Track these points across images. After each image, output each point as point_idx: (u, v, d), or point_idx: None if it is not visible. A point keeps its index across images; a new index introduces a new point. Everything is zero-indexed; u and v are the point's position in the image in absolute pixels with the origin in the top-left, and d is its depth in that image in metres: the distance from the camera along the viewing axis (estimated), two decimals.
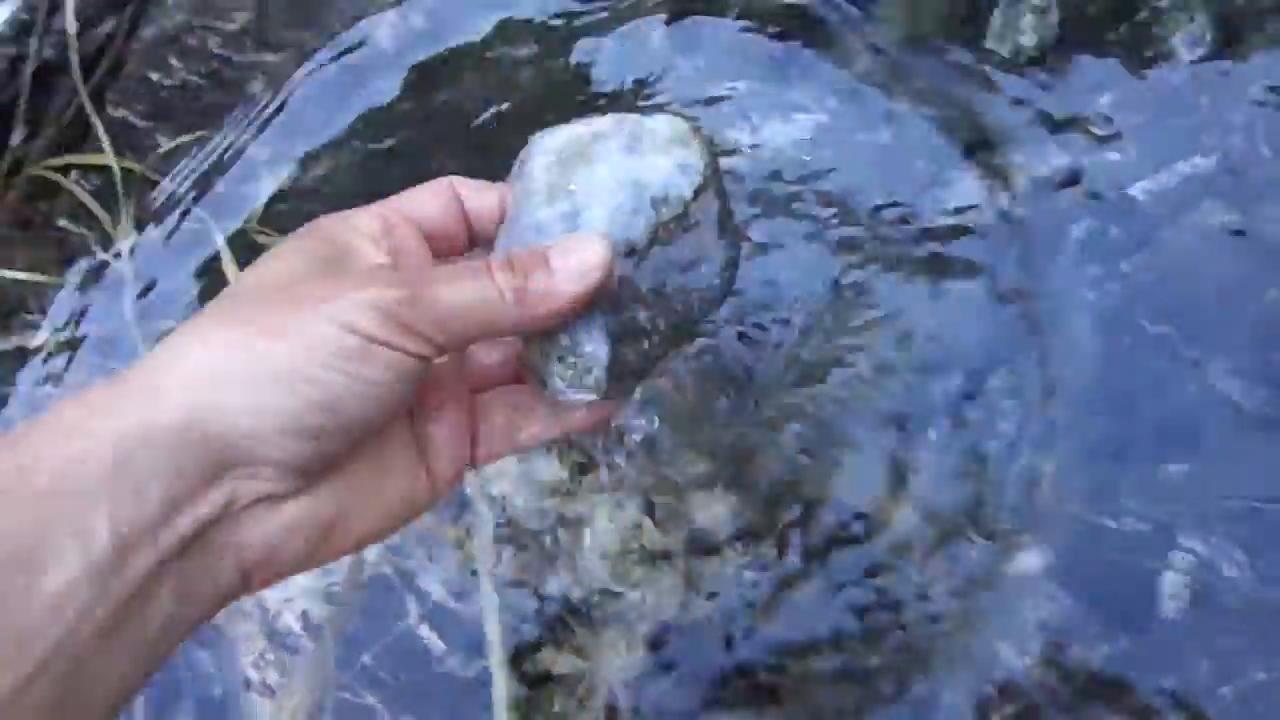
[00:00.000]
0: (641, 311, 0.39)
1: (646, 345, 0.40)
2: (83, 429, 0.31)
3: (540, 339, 0.39)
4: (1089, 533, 0.68)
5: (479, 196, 0.42)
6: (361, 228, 0.39)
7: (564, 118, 0.41)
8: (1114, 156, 0.78)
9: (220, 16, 0.96)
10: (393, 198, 0.41)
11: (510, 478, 0.77)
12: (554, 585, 0.72)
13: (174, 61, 0.95)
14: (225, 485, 0.32)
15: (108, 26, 0.96)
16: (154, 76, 0.95)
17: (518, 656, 0.70)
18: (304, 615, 0.73)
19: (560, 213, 0.38)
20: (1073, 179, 0.79)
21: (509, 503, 0.75)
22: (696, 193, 0.39)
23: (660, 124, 0.40)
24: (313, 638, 0.72)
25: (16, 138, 0.91)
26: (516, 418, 0.43)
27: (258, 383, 0.32)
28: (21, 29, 0.94)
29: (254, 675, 0.72)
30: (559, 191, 0.38)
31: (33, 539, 0.28)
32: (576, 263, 0.36)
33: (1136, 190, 0.78)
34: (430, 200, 0.41)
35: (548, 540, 0.73)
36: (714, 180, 0.40)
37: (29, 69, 0.93)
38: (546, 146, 0.40)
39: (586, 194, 0.38)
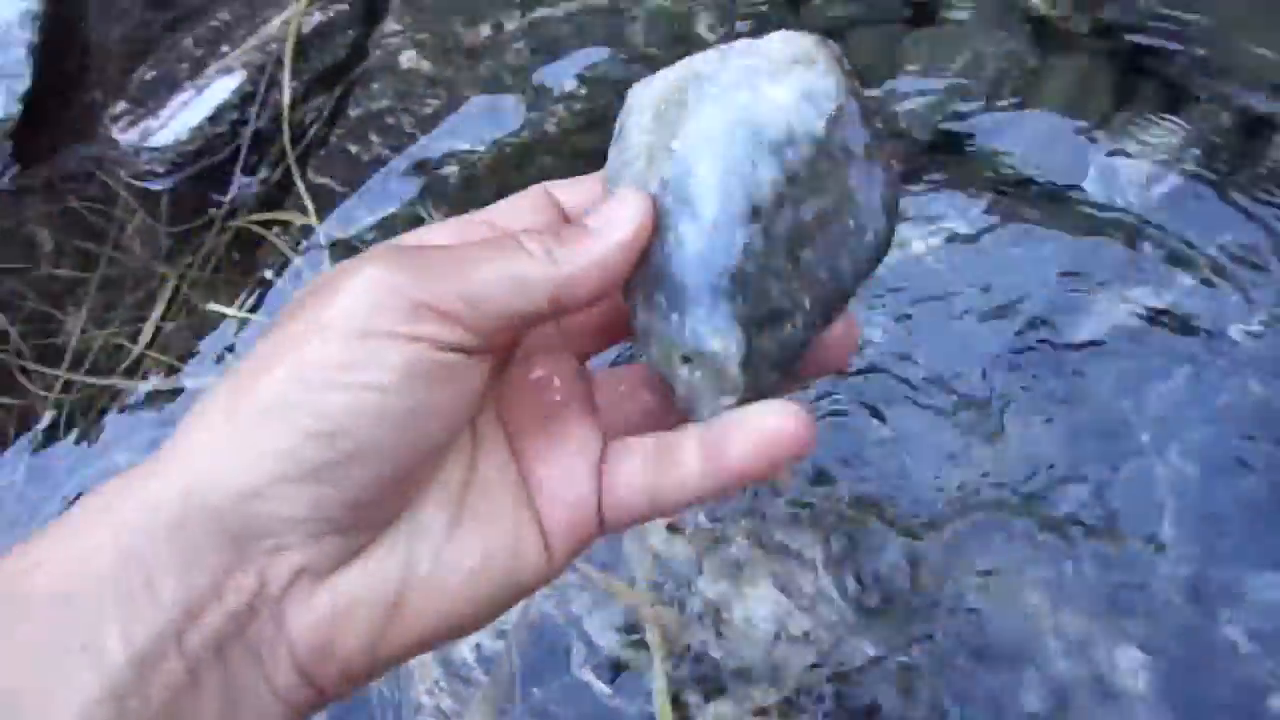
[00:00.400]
0: (777, 286, 0.31)
1: (789, 329, 0.32)
2: (87, 525, 0.26)
3: (659, 336, 0.32)
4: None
5: (576, 193, 0.35)
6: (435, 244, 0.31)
7: None
8: (1222, 297, 0.87)
9: (418, 102, 1.07)
10: (477, 211, 0.34)
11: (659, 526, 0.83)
12: (713, 647, 0.78)
13: (373, 138, 1.06)
14: (251, 567, 0.26)
15: (318, 102, 1.08)
16: (353, 149, 1.06)
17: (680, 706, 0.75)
18: (478, 647, 0.79)
19: (661, 180, 0.31)
20: (1182, 315, 0.87)
21: (663, 557, 0.82)
22: (830, 125, 0.31)
23: (775, 45, 0.32)
24: (486, 670, 0.78)
25: (232, 191, 1.02)
26: (662, 463, 0.32)
27: (244, 426, 0.26)
28: (244, 98, 1.06)
29: (428, 701, 0.78)
30: (659, 154, 0.31)
31: (38, 660, 0.24)
32: (611, 213, 0.30)
33: (1235, 332, 0.87)
34: (520, 208, 0.34)
35: (706, 601, 0.80)
36: (852, 104, 0.32)
37: (248, 133, 1.04)
38: (641, 101, 0.33)
39: (691, 151, 0.30)
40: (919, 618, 0.77)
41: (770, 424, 0.30)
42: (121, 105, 1.12)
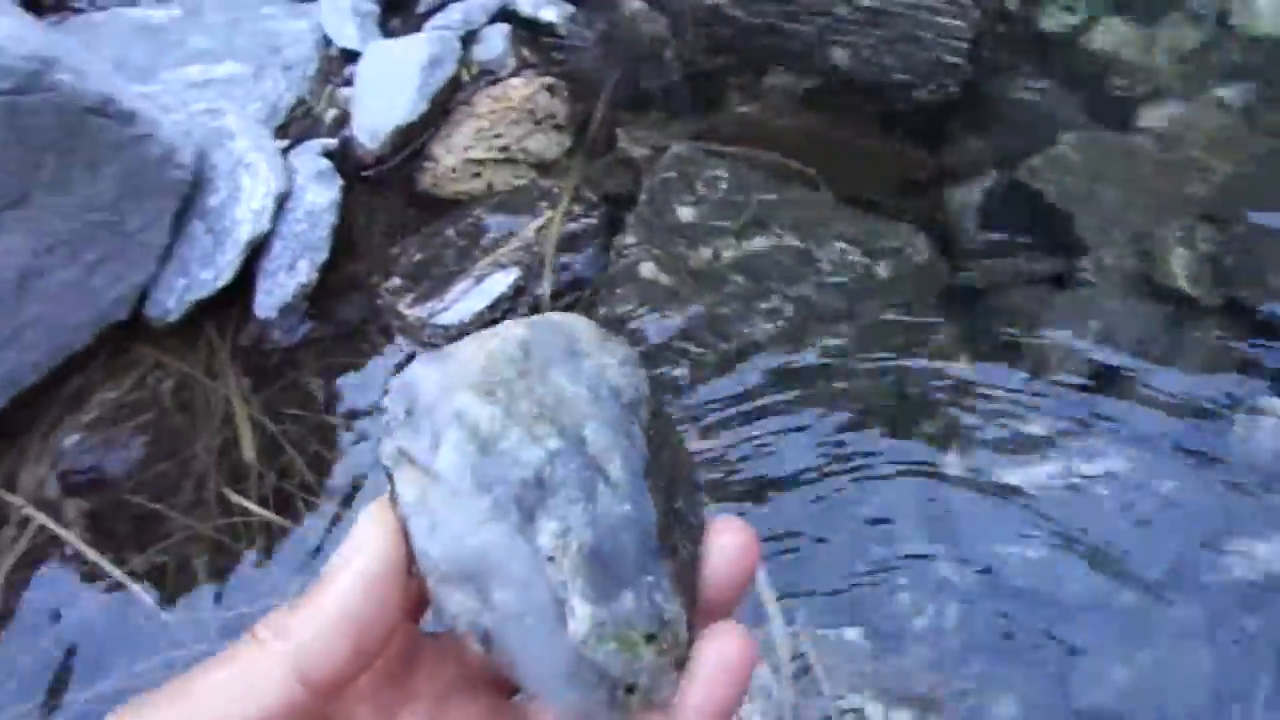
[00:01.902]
0: (678, 533, 0.29)
1: (691, 573, 0.29)
2: None
3: (593, 628, 0.27)
4: None
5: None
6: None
7: None
8: None
9: (657, 310, 1.30)
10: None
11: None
12: None
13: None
14: None
15: (571, 299, 1.30)
16: None
17: None
18: None
19: (547, 452, 0.28)
20: None
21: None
22: (649, 385, 0.32)
23: (579, 323, 0.32)
24: None
25: None
26: None
27: None
28: (516, 290, 1.28)
29: None
30: (523, 427, 0.28)
31: None
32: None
33: None
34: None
35: None
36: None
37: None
38: (451, 380, 0.29)
39: (570, 418, 0.28)
40: None
41: (731, 649, 0.27)
42: (396, 281, 1.34)
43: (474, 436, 0.27)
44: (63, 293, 1.24)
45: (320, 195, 1.36)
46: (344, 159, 1.48)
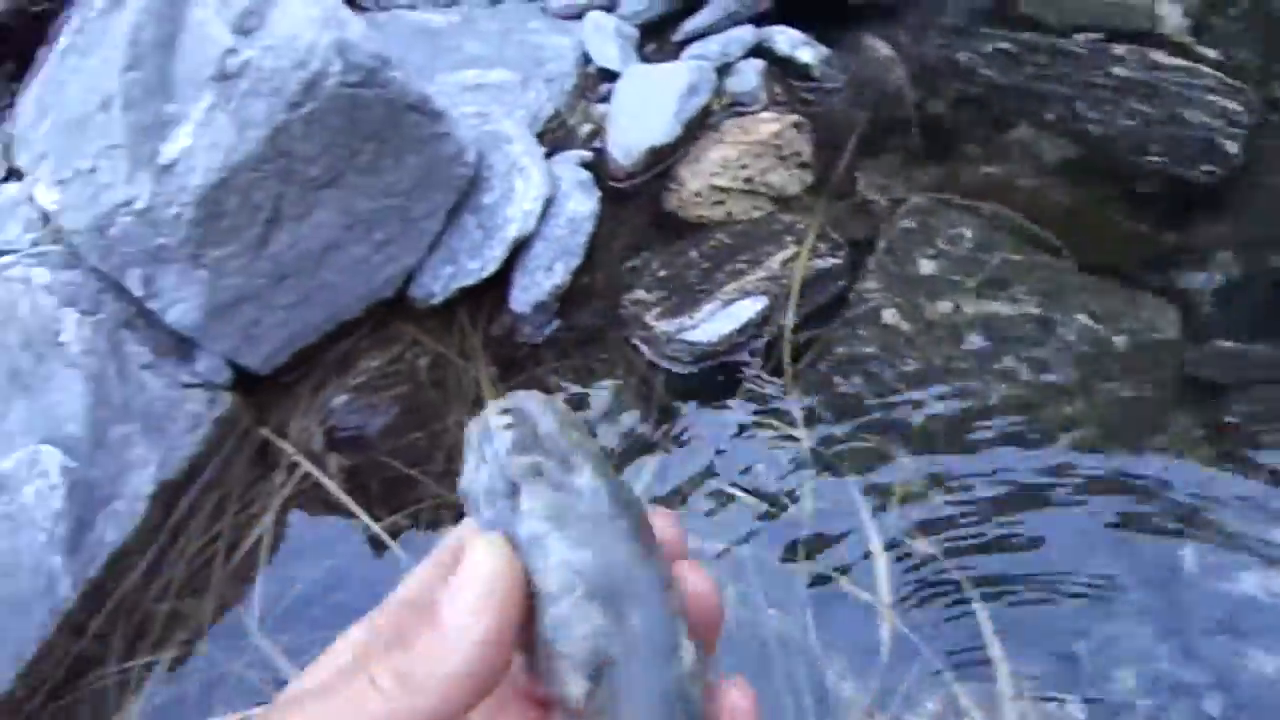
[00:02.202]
0: None
1: None
2: None
3: (694, 655, 0.28)
4: None
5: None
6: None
7: None
8: None
9: (897, 357, 1.32)
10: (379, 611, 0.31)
11: None
12: None
13: (856, 378, 1.31)
14: None
15: (812, 333, 1.34)
16: (838, 382, 1.30)
17: None
18: None
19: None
20: None
21: None
22: None
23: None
24: None
25: (736, 392, 1.27)
26: None
27: None
28: (763, 319, 1.33)
29: None
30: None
31: None
32: (470, 588, 0.26)
33: None
34: (409, 601, 0.30)
35: None
36: None
37: (760, 345, 1.30)
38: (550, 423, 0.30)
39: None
40: None
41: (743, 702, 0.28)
42: (640, 293, 1.41)
43: (601, 466, 0.29)
44: (351, 266, 1.36)
45: (582, 204, 1.45)
46: (596, 170, 1.57)
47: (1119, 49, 1.64)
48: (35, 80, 1.24)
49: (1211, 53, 1.66)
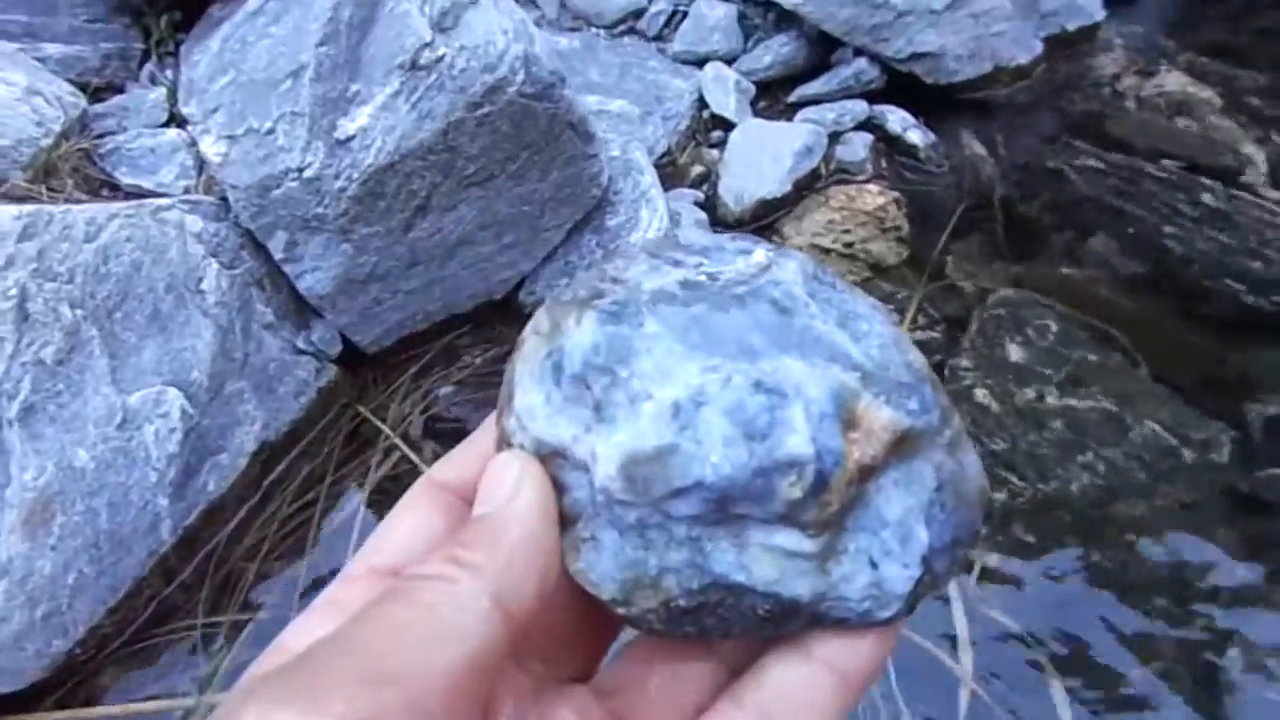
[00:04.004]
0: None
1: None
2: None
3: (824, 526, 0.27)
4: None
5: (463, 468, 0.30)
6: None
7: None
8: None
9: (986, 435, 1.38)
10: (364, 551, 0.29)
11: None
12: None
13: None
14: None
15: None
16: None
17: None
18: None
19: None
20: None
21: None
22: None
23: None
24: None
25: None
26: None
27: None
28: None
29: None
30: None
31: None
32: (495, 486, 0.27)
33: None
34: (407, 528, 0.29)
35: None
36: None
37: None
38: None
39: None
40: None
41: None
42: None
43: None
44: (475, 263, 1.40)
45: None
46: (708, 212, 1.63)
47: (1204, 179, 1.75)
48: (215, 34, 1.27)
49: None
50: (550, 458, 0.28)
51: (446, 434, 1.37)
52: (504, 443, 0.29)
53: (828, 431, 0.27)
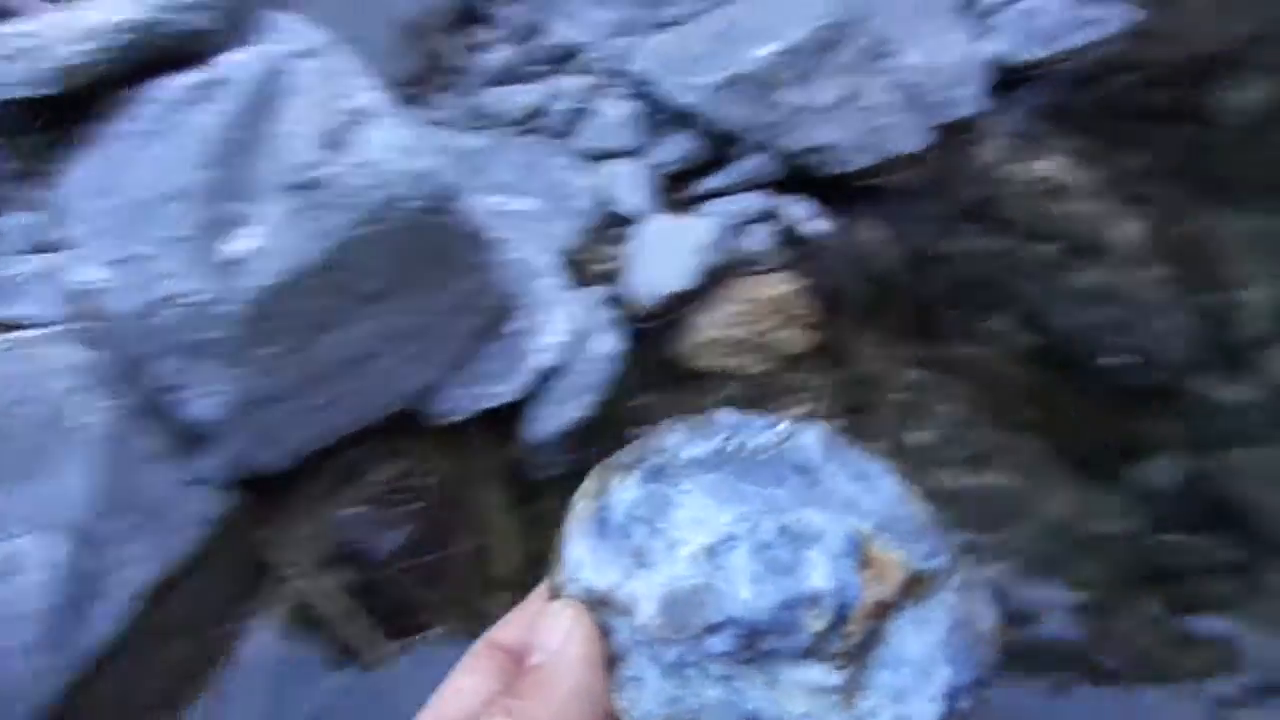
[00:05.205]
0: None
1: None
2: None
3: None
4: None
5: (519, 630, 0.32)
6: None
7: None
8: None
9: None
10: (423, 710, 0.31)
11: None
12: None
13: None
14: None
15: None
16: None
17: None
18: None
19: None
20: None
21: None
22: None
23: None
24: None
25: None
26: None
27: None
28: None
29: None
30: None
31: None
32: (550, 635, 0.30)
33: None
34: (465, 687, 0.31)
35: None
36: None
37: None
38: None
39: None
40: None
41: None
42: None
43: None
44: (379, 376, 1.36)
45: (607, 344, 1.50)
46: (615, 308, 1.63)
47: (1083, 260, 1.83)
48: (91, 155, 1.22)
49: (1159, 270, 1.87)
50: (597, 604, 0.31)
51: (350, 559, 1.31)
52: (555, 594, 0.32)
53: (845, 569, 0.30)
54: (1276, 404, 1.78)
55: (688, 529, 0.30)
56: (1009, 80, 2.19)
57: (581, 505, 0.33)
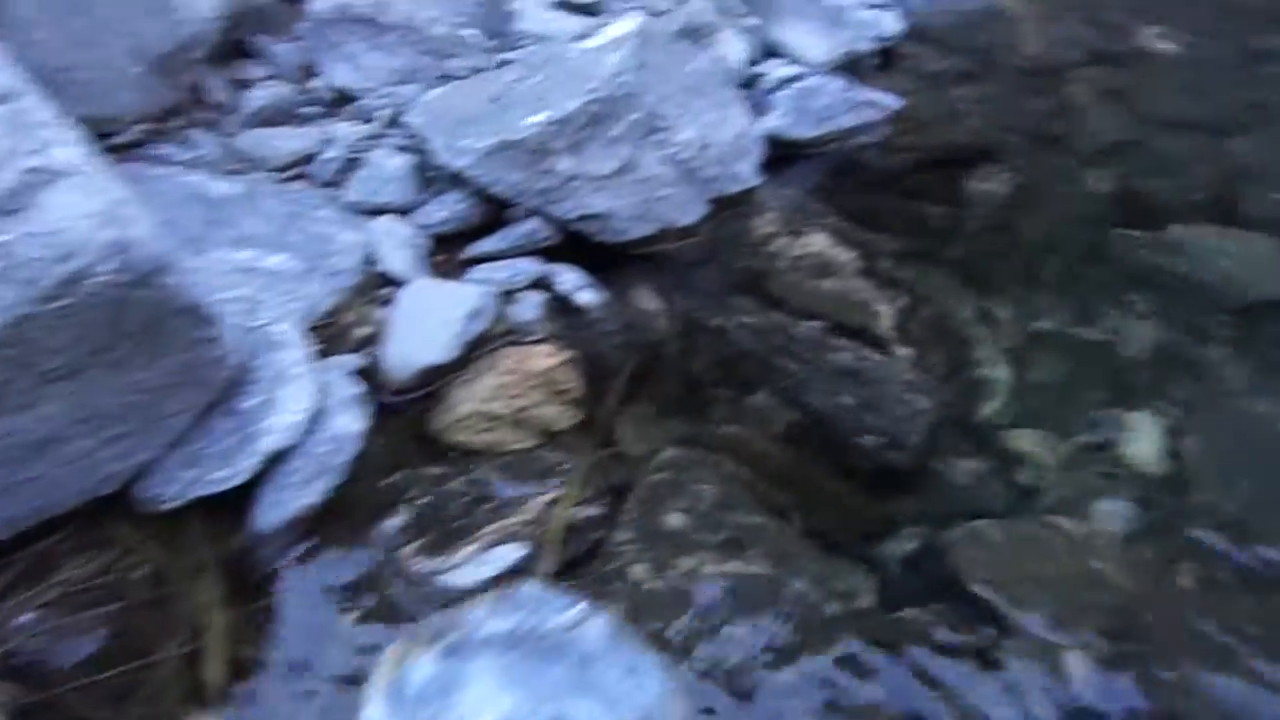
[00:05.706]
0: None
1: None
2: None
3: None
4: None
5: None
6: None
7: None
8: None
9: (646, 617, 1.38)
10: None
11: None
12: None
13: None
14: None
15: (575, 582, 1.37)
16: None
17: None
18: None
19: None
20: None
21: None
22: None
23: None
24: None
25: None
26: None
27: None
28: (526, 566, 1.34)
29: None
30: None
31: None
32: None
33: None
34: None
35: None
36: None
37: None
38: None
39: None
40: None
41: None
42: (399, 521, 1.38)
43: None
44: (73, 460, 1.22)
45: (350, 423, 1.41)
46: (367, 379, 1.54)
47: (842, 338, 1.92)
48: None
49: (908, 350, 1.99)
50: None
51: (23, 674, 1.15)
52: None
53: None
54: (1008, 480, 1.92)
55: (473, 708, 0.35)
56: (782, 156, 2.29)
57: (384, 669, 0.36)
